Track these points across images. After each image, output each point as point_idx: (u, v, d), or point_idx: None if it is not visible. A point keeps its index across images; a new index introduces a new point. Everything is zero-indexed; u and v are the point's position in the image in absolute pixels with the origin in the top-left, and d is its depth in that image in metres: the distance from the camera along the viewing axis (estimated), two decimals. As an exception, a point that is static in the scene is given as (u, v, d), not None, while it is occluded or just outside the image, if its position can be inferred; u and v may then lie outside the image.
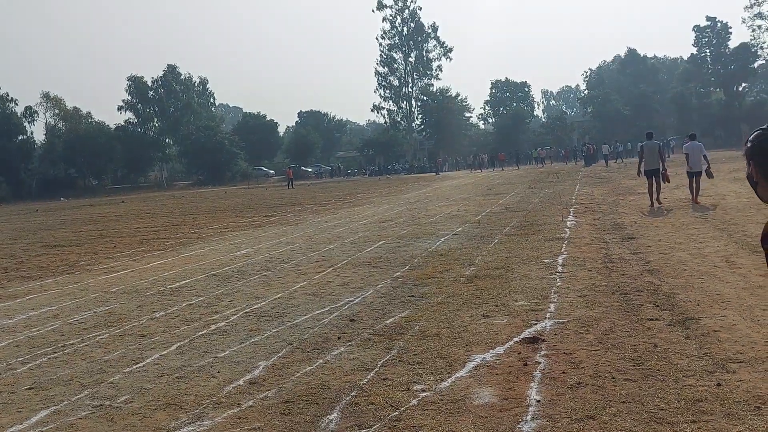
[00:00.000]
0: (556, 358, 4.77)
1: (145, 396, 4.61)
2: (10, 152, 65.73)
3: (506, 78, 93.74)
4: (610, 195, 18.79)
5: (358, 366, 4.93)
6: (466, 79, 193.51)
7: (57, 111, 77.87)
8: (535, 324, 5.70)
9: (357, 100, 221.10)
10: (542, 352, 4.91)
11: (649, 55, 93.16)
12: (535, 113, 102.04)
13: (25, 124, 69.83)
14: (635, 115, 76.68)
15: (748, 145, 2.05)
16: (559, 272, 7.93)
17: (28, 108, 70.98)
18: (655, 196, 14.97)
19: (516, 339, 5.31)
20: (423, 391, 4.31)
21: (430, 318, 6.20)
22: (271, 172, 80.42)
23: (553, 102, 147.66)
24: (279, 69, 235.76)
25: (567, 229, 11.85)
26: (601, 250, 9.35)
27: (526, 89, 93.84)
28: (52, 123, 77.29)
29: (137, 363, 5.44)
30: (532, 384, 4.29)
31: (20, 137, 68.37)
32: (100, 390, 4.81)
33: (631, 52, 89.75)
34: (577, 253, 9.23)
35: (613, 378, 4.27)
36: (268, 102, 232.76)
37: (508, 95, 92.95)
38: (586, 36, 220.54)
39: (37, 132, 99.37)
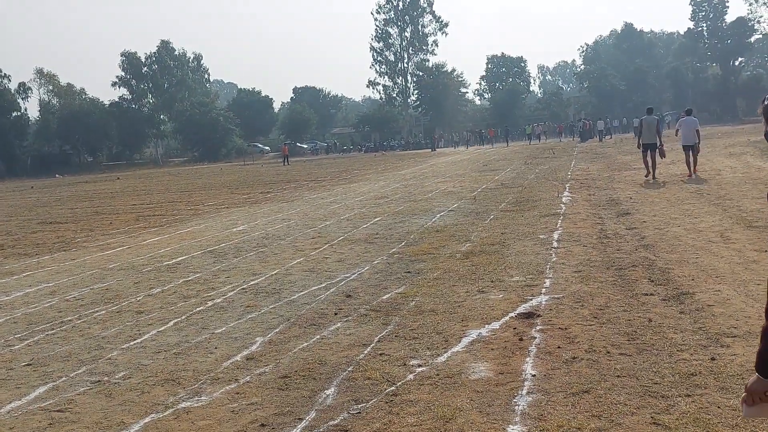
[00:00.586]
0: (552, 333, 4.80)
1: (143, 372, 4.64)
2: (4, 129, 65.26)
3: (502, 53, 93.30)
4: (606, 171, 18.79)
5: (355, 341, 4.96)
6: (463, 55, 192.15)
7: (51, 87, 77.17)
8: (531, 299, 5.73)
9: (352, 76, 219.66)
10: (537, 327, 4.95)
11: (646, 29, 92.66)
12: (531, 89, 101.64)
13: (19, 100, 69.28)
14: (631, 90, 76.48)
15: (765, 103, 2.08)
16: (554, 248, 7.96)
17: (21, 84, 70.42)
18: (651, 169, 15.44)
19: (511, 314, 5.34)
20: (419, 366, 4.34)
21: (426, 294, 6.23)
22: (267, 148, 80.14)
23: (550, 77, 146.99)
24: (273, 44, 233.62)
25: (563, 205, 11.87)
26: (596, 225, 9.38)
27: (522, 64, 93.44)
28: (46, 99, 76.62)
29: (135, 339, 5.46)
30: (527, 359, 4.32)
31: (14, 114, 67.83)
32: (98, 366, 4.83)
33: (628, 27, 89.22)
34: (573, 228, 9.25)
35: (608, 352, 4.31)
36: (262, 78, 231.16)
37: (504, 71, 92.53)
38: (582, 11, 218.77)
39: (31, 108, 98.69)
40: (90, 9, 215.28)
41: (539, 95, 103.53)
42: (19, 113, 68.87)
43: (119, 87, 78.93)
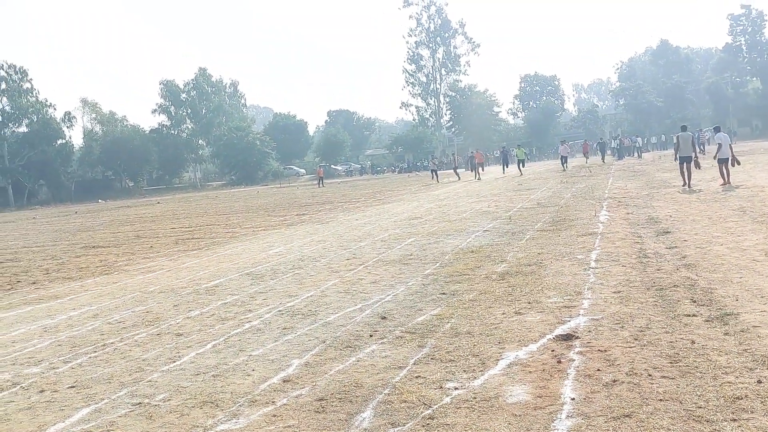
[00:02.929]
0: (591, 355, 4.72)
1: (182, 394, 4.70)
2: (50, 156, 67.38)
3: (536, 72, 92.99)
4: (645, 188, 18.49)
5: (391, 364, 4.95)
6: (495, 74, 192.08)
7: (94, 115, 79.73)
8: (569, 321, 5.65)
9: (385, 98, 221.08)
10: (576, 350, 4.87)
11: (682, 45, 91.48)
12: (565, 107, 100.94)
13: (64, 128, 71.45)
14: (669, 106, 75.37)
15: None
16: (592, 268, 7.84)
17: (66, 113, 72.66)
18: (687, 179, 17.56)
19: (549, 336, 5.27)
20: (456, 388, 4.31)
21: (461, 315, 6.19)
22: (302, 171, 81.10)
23: (584, 95, 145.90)
24: (308, 69, 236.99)
25: (600, 224, 11.71)
26: (635, 244, 9.22)
27: (556, 83, 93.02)
28: (90, 127, 79.10)
29: (174, 361, 5.54)
30: (566, 382, 4.25)
31: (59, 141, 69.97)
32: (138, 388, 4.91)
33: (664, 43, 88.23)
34: (611, 248, 9.11)
35: (650, 375, 4.21)
36: (297, 102, 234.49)
37: (538, 89, 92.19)
38: (616, 28, 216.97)
39: (76, 136, 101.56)
40: (130, 39, 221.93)
41: (574, 113, 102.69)
42: (64, 141, 70.99)
43: (159, 114, 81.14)
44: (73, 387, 5.10)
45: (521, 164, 38.09)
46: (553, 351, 4.89)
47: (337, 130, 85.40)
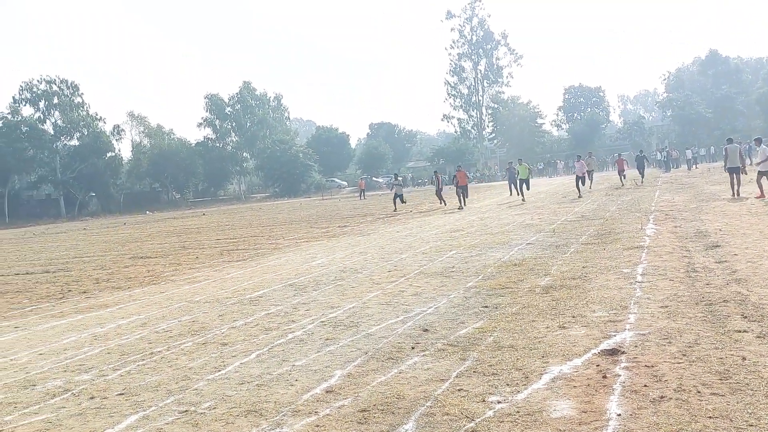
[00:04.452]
0: (637, 370, 4.63)
1: (227, 402, 4.78)
2: (99, 168, 69.40)
3: (580, 83, 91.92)
4: (693, 201, 18.05)
5: (433, 376, 4.95)
6: (539, 86, 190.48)
7: (142, 129, 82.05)
8: (615, 335, 5.56)
9: (427, 111, 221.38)
10: (622, 365, 4.78)
11: (732, 55, 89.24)
12: (610, 118, 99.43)
13: (113, 141, 73.57)
14: (718, 117, 73.54)
15: None
16: (638, 282, 7.69)
17: (116, 126, 74.85)
18: (736, 188, 18.40)
19: (594, 351, 5.19)
20: (499, 402, 4.28)
21: (504, 329, 6.15)
22: (344, 183, 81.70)
23: (630, 106, 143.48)
24: (350, 83, 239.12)
25: (647, 237, 11.48)
26: (683, 258, 9.01)
27: (601, 94, 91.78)
28: (138, 140, 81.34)
29: (219, 370, 5.64)
30: (612, 397, 4.18)
31: (109, 154, 72.02)
32: (185, 396, 5.01)
33: (713, 53, 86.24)
34: (658, 262, 8.92)
35: (699, 392, 4.11)
36: (340, 115, 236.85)
37: (582, 100, 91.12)
38: (663, 38, 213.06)
39: (124, 149, 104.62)
40: (176, 55, 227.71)
41: (619, 125, 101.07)
42: (113, 154, 73.06)
43: (204, 127, 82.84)
44: (122, 394, 5.23)
45: (524, 185, 28.86)
46: (598, 366, 4.82)
47: (378, 142, 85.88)
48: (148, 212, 60.88)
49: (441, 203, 29.26)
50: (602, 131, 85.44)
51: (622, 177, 31.85)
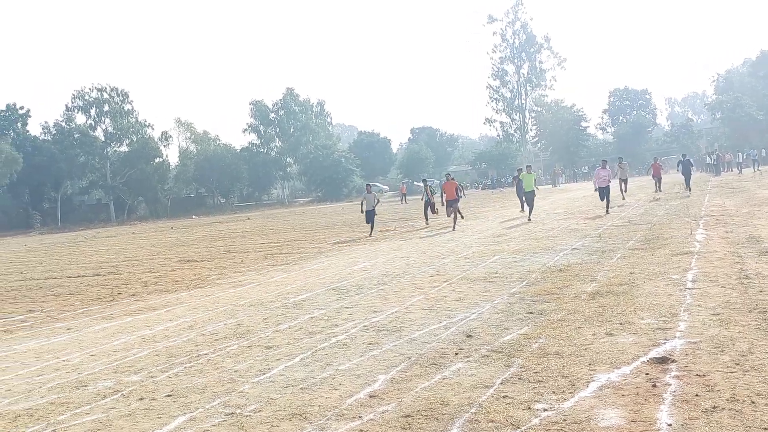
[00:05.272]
0: (688, 379, 4.51)
1: (272, 406, 4.83)
2: (148, 174, 71.00)
3: (626, 86, 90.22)
4: (744, 206, 17.50)
5: (477, 382, 4.91)
6: (583, 89, 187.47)
7: (189, 135, 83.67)
8: (664, 343, 5.42)
9: (469, 115, 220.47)
10: (672, 373, 4.67)
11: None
12: (657, 121, 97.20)
13: (161, 147, 75.14)
14: (771, 119, 71.17)
15: None
16: (689, 289, 7.50)
17: (163, 133, 76.49)
18: None
19: (643, 359, 5.07)
20: (545, 410, 4.22)
21: (550, 335, 6.06)
22: (385, 187, 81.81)
23: (678, 109, 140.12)
24: (392, 88, 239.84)
25: (696, 243, 11.18)
26: (735, 265, 8.74)
27: (647, 96, 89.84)
28: (185, 146, 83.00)
29: (264, 373, 5.70)
30: (662, 407, 4.08)
31: (157, 160, 73.61)
32: (231, 399, 5.08)
33: (764, 54, 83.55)
34: (709, 268, 8.68)
35: (753, 402, 3.98)
36: (381, 120, 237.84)
37: (628, 103, 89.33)
38: (711, 39, 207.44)
39: (172, 155, 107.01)
40: (222, 62, 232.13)
41: (667, 128, 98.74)
42: (161, 159, 74.66)
43: (249, 133, 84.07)
44: (170, 396, 5.34)
45: (530, 199, 21.45)
46: (647, 374, 4.71)
47: (420, 147, 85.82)
48: (194, 216, 62.05)
49: (425, 221, 23.63)
50: (648, 134, 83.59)
51: (658, 185, 27.42)
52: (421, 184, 27.37)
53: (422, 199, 24.80)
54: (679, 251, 10.43)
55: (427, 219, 23.86)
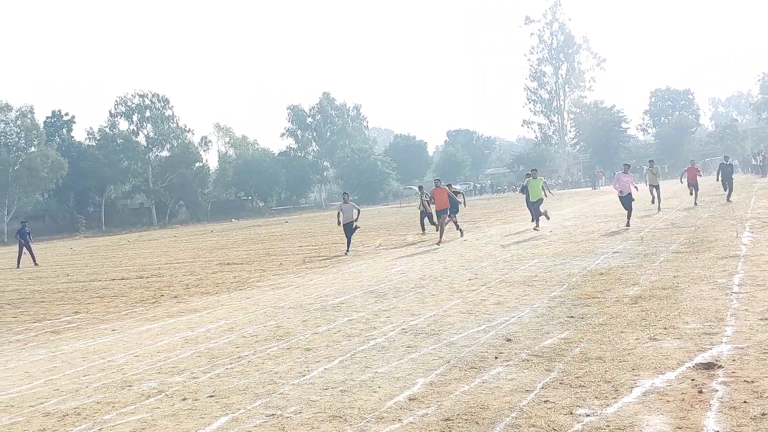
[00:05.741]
0: (736, 386, 4.39)
1: (312, 407, 4.86)
2: (188, 178, 72.29)
3: (667, 86, 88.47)
4: (794, 207, 16.98)
5: (517, 387, 4.86)
6: (623, 89, 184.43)
7: (228, 139, 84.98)
8: (710, 348, 5.29)
9: (506, 117, 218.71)
10: (719, 379, 4.55)
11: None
12: (701, 122, 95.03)
13: (201, 152, 76.47)
14: (821, 118, 68.91)
15: None
16: (735, 293, 7.30)
17: (203, 137, 77.80)
18: None
19: (689, 364, 4.96)
20: (587, 415, 4.15)
21: (591, 339, 5.97)
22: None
23: (722, 109, 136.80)
24: (427, 91, 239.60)
25: (743, 246, 10.88)
26: (785, 268, 8.48)
27: (690, 96, 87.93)
28: (224, 151, 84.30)
29: (304, 375, 5.74)
30: (708, 413, 3.98)
31: (197, 164, 74.89)
32: (272, 400, 5.14)
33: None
34: (756, 272, 8.44)
35: (806, 411, 3.86)
36: (417, 123, 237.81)
37: (670, 104, 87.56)
38: (756, 38, 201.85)
39: (211, 159, 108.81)
40: (259, 68, 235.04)
41: (710, 128, 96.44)
42: (201, 164, 75.92)
43: (287, 137, 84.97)
44: (212, 396, 5.42)
45: (540, 209, 18.44)
46: (693, 380, 4.60)
47: (456, 149, 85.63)
48: (233, 220, 62.92)
49: (421, 231, 21.50)
50: (691, 135, 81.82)
51: (693, 193, 23.22)
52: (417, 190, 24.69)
53: (419, 208, 22.53)
54: (724, 254, 10.18)
55: (423, 229, 21.71)
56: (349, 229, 18.07)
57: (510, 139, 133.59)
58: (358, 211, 18.46)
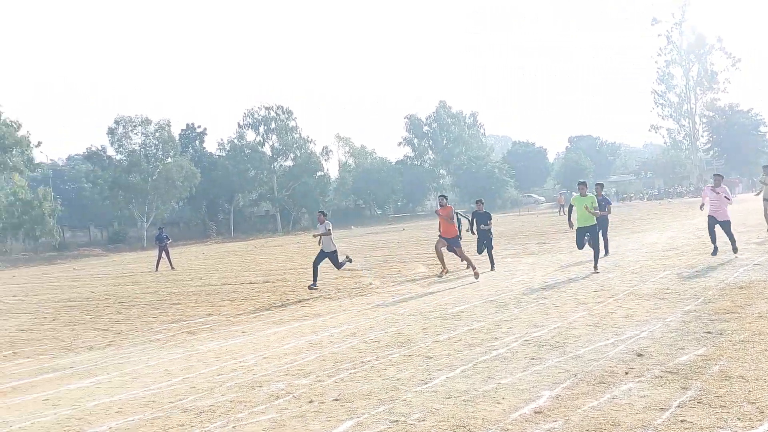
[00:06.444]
0: None
1: (435, 416, 4.87)
2: (310, 187, 74.94)
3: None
4: None
5: (651, 404, 4.63)
6: (761, 91, 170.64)
7: (347, 149, 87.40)
8: None
9: (631, 122, 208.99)
10: None
11: None
12: None
13: (322, 161, 79.07)
14: None
15: None
16: None
17: (324, 147, 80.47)
18: None
19: None
20: (730, 439, 3.89)
21: (732, 357, 5.58)
22: (541, 198, 79.95)
23: None
24: (546, 97, 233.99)
25: None
26: None
27: (844, 94, 79.93)
28: (344, 160, 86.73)
29: (426, 383, 5.77)
30: None
31: (318, 173, 77.53)
32: (395, 406, 5.20)
33: None
34: None
35: None
36: (536, 130, 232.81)
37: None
38: None
39: (332, 168, 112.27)
40: (378, 79, 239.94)
41: None
42: (322, 173, 78.49)
43: (404, 146, 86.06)
44: (337, 400, 5.56)
45: (593, 235, 12.92)
46: None
47: (578, 156, 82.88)
48: (352, 227, 64.41)
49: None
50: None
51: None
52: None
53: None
54: None
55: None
56: (332, 257, 14.26)
57: (635, 145, 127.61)
58: (330, 231, 14.33)
